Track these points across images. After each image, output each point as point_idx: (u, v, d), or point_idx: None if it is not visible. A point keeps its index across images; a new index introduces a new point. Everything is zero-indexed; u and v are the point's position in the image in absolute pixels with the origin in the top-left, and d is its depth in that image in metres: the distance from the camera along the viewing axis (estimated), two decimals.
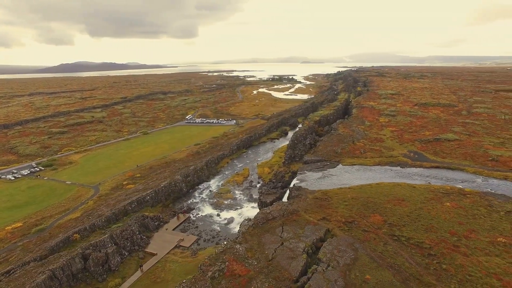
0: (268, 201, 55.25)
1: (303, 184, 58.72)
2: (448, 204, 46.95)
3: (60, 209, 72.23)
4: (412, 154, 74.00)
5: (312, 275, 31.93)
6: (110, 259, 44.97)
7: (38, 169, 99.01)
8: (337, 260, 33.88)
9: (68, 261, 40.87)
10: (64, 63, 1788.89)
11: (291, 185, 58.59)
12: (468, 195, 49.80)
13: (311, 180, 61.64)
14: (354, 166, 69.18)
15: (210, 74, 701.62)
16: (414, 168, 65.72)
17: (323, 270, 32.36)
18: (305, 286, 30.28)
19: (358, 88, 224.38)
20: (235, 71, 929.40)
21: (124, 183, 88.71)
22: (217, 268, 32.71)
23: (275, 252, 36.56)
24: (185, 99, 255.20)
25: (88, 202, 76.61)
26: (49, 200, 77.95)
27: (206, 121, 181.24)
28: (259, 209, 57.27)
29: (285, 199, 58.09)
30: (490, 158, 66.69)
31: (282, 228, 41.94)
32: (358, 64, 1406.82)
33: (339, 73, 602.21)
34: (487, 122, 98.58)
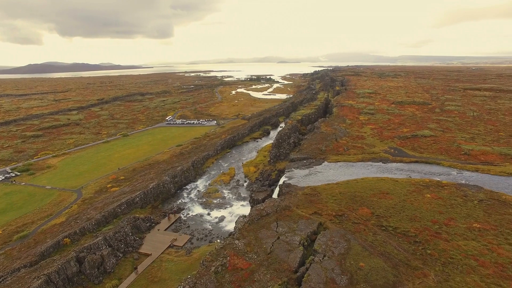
0: (260, 198, 56.66)
1: (292, 181, 60.59)
2: (428, 195, 50.38)
3: (42, 215, 70.29)
4: (392, 150, 77.92)
5: (310, 265, 33.67)
6: (105, 261, 44.71)
7: (13, 175, 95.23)
8: (332, 251, 35.84)
9: (63, 265, 40.37)
10: (32, 63, 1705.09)
11: (281, 183, 60.26)
12: (446, 187, 53.56)
13: (299, 177, 63.64)
14: (339, 162, 71.94)
15: (187, 74, 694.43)
16: (395, 163, 69.37)
17: (320, 260, 34.19)
18: (305, 275, 31.95)
19: (337, 88, 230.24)
20: (212, 71, 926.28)
21: (108, 186, 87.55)
22: (220, 263, 33.70)
23: (272, 246, 38.03)
24: (164, 100, 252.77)
25: (72, 206, 75.12)
26: (29, 206, 75.54)
27: (187, 122, 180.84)
28: (251, 206, 58.56)
29: (275, 195, 59.69)
30: (463, 152, 71.58)
31: (277, 224, 43.48)
32: (333, 64, 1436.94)
33: (315, 72, 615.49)
34: (458, 119, 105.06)
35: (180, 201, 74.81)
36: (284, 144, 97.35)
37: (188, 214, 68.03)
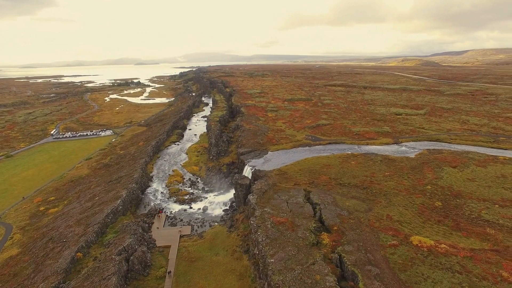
0: (247, 183, 70.61)
1: (259, 168, 77.25)
2: (353, 162, 76.84)
3: None
4: (310, 137, 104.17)
5: (320, 211, 52.37)
6: (146, 256, 50.77)
7: None
8: (327, 201, 55.60)
9: (118, 265, 45.20)
10: None
11: (252, 170, 75.85)
12: (358, 156, 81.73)
13: (260, 164, 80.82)
14: (279, 150, 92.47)
15: (33, 81, 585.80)
16: (317, 146, 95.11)
17: (324, 206, 53.39)
18: (322, 216, 50.45)
19: (227, 89, 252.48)
20: (64, 76, 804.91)
21: (41, 208, 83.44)
22: (269, 222, 48.09)
23: (288, 207, 54.67)
24: (30, 113, 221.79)
25: (13, 237, 70.15)
26: None
27: (79, 134, 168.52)
28: (238, 191, 71.87)
29: None
30: (354, 133, 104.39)
31: (278, 195, 60.02)
32: (194, 64, 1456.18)
33: (183, 74, 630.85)
34: (337, 110, 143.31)
35: (152, 203, 79.63)
36: (220, 142, 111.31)
37: (171, 211, 75.12)
